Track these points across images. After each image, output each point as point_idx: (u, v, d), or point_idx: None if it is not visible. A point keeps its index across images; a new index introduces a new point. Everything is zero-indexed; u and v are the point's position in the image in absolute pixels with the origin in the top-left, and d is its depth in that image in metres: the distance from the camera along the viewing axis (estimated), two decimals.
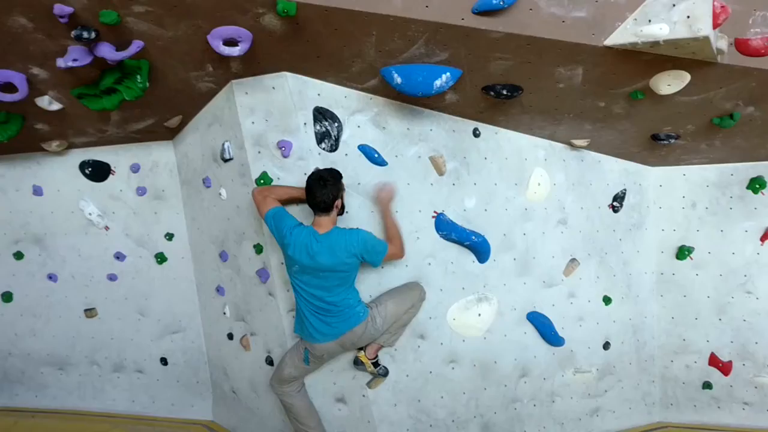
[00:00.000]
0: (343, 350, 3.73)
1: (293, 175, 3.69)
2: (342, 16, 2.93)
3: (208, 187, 4.22)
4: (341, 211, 3.60)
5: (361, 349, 3.85)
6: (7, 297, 4.87)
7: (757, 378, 4.63)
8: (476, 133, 4.14)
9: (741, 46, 3.12)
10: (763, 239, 4.56)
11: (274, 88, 3.61)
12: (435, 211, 4.03)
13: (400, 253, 3.69)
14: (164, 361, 4.85)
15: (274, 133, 3.68)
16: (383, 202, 3.75)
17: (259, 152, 3.71)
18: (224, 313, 4.45)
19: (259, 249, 3.90)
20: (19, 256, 4.79)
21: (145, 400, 4.95)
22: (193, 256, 4.70)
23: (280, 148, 3.66)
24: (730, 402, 4.72)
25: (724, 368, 4.68)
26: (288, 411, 3.89)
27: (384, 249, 3.53)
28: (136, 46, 3.04)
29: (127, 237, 4.68)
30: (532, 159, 4.33)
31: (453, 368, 4.16)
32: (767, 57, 3.15)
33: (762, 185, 4.51)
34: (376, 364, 3.88)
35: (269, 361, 4.13)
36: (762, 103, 3.61)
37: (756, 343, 4.61)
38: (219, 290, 4.46)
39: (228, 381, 4.63)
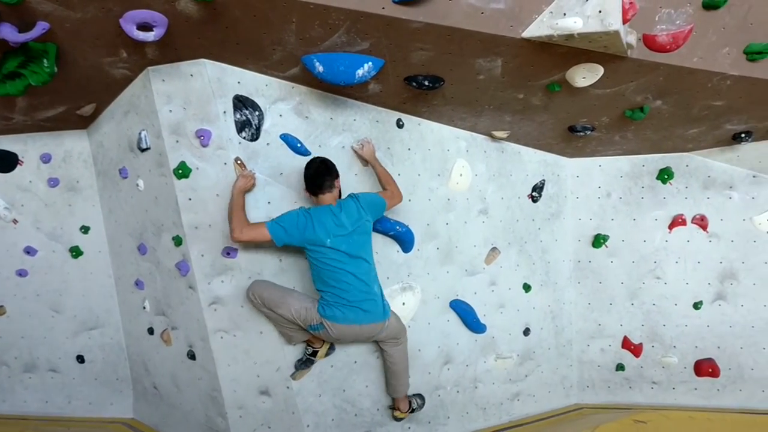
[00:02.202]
0: (354, 339, 3.81)
1: (212, 165, 3.62)
2: (261, 2, 2.90)
3: (125, 177, 4.08)
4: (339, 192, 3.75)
5: (392, 408, 4.17)
6: None
7: (664, 358, 4.89)
8: (400, 124, 4.17)
9: (649, 41, 3.27)
10: (671, 227, 4.82)
11: (192, 75, 3.52)
12: None
13: (399, 195, 3.93)
14: (81, 358, 4.65)
15: (193, 122, 3.59)
16: (369, 156, 3.95)
17: (177, 141, 3.61)
18: (144, 308, 4.32)
19: (178, 241, 3.80)
20: None
21: (60, 401, 4.73)
22: (110, 249, 4.53)
23: (199, 137, 3.58)
24: (641, 382, 4.97)
25: (636, 350, 4.93)
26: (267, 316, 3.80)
27: (380, 198, 3.76)
28: (40, 27, 2.88)
29: (38, 231, 4.45)
30: (454, 150, 4.40)
31: (377, 357, 4.19)
32: (673, 53, 3.32)
33: (670, 176, 4.76)
34: (412, 411, 4.19)
35: (191, 355, 4.03)
36: (669, 96, 3.80)
37: (664, 325, 4.87)
38: (138, 284, 4.32)
39: (149, 377, 4.50)
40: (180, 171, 3.61)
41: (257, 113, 3.67)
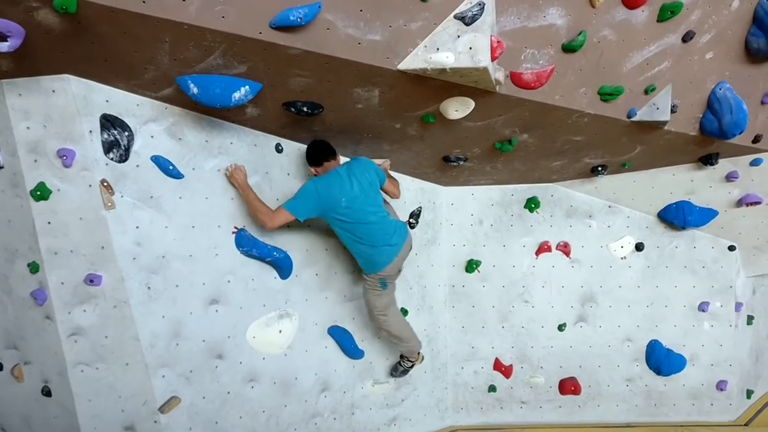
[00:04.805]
0: (398, 268, 4.14)
1: (76, 187, 3.39)
2: (130, 19, 2.76)
3: None
4: None
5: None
6: None
7: (532, 378, 5.14)
8: (279, 149, 4.14)
9: (515, 78, 3.48)
10: (537, 253, 5.10)
11: (54, 91, 3.30)
12: (235, 227, 3.95)
13: (396, 191, 4.36)
14: None
15: (54, 141, 3.35)
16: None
17: (36, 161, 3.35)
18: None
19: (34, 268, 3.51)
20: None
21: None
22: None
23: (61, 157, 3.34)
24: (511, 402, 5.19)
25: (506, 372, 5.14)
26: (389, 336, 4.39)
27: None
28: None
29: None
30: None
31: (252, 387, 4.09)
32: (537, 90, 3.55)
33: (537, 205, 5.06)
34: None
35: (46, 392, 3.72)
36: (534, 131, 4.05)
37: (532, 347, 5.13)
38: None
39: None
40: (38, 192, 3.35)
41: (127, 134, 3.50)
